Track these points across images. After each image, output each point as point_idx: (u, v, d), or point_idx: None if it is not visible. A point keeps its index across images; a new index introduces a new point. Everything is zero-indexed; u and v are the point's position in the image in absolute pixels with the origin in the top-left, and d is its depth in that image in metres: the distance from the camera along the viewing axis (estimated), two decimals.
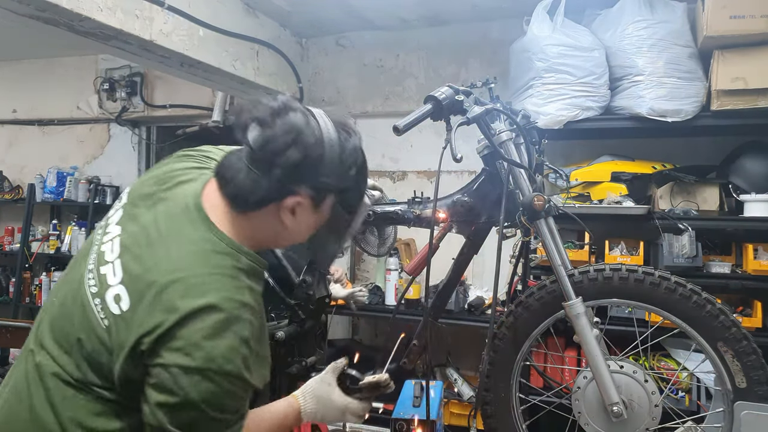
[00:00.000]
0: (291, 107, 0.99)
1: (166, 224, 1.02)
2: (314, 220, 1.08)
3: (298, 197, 1.01)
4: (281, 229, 1.05)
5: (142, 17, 2.55)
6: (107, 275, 1.00)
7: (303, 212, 1.03)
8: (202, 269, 0.96)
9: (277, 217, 1.03)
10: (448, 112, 1.38)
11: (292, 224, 1.04)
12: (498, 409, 1.55)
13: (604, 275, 1.44)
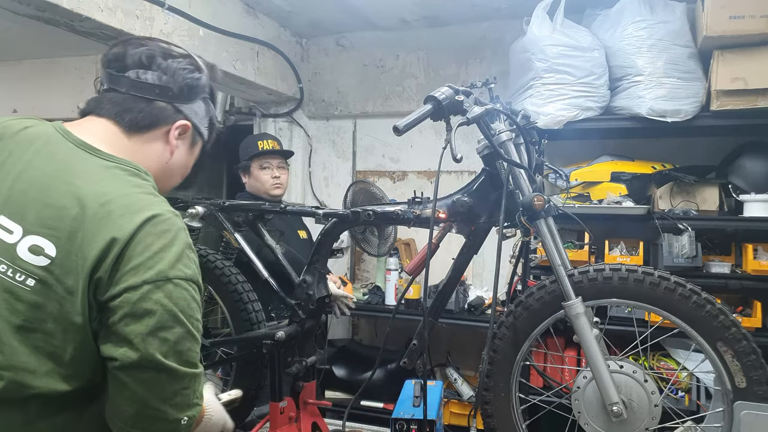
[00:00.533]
0: (173, 53, 1.16)
1: (49, 165, 0.96)
2: (185, 159, 1.17)
3: (185, 122, 1.11)
4: (165, 159, 1.11)
5: (143, 18, 2.55)
6: (21, 249, 0.90)
7: (183, 144, 1.13)
8: (126, 189, 0.96)
9: (164, 141, 1.09)
10: (448, 113, 1.38)
11: (176, 154, 1.12)
12: (498, 408, 1.55)
13: (603, 275, 1.44)
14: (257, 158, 2.68)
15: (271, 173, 2.68)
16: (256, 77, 3.40)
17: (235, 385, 1.83)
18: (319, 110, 3.94)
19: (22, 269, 0.89)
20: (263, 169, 2.68)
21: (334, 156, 3.97)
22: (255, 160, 2.68)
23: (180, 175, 1.19)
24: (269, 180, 2.67)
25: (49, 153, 0.98)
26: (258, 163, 2.68)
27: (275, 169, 2.69)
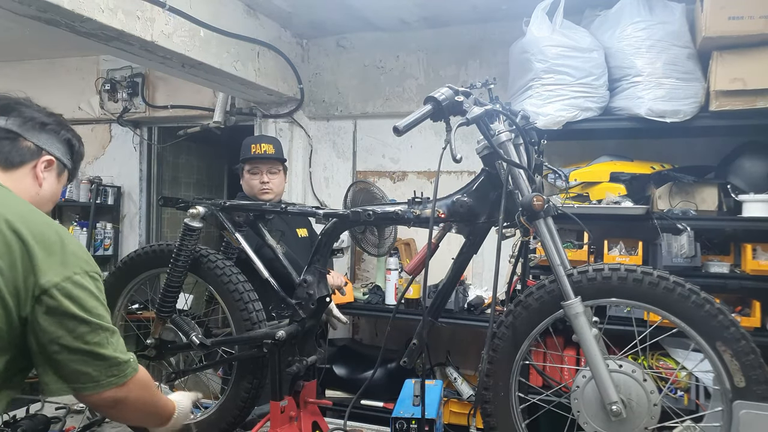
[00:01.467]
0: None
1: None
2: (53, 189, 1.33)
3: (49, 157, 1.30)
4: (36, 190, 1.29)
5: (144, 18, 2.56)
6: None
7: (50, 176, 1.31)
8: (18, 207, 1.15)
9: (34, 176, 1.28)
10: (448, 113, 1.38)
11: (44, 186, 1.30)
12: (497, 407, 1.56)
13: (602, 275, 1.44)
14: (248, 162, 2.66)
15: (260, 178, 2.65)
16: (257, 78, 3.40)
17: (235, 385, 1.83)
18: (320, 111, 3.94)
19: None
20: (252, 174, 2.66)
21: (335, 156, 3.98)
22: (246, 163, 2.67)
23: (51, 202, 1.36)
24: (257, 185, 2.66)
25: None
26: (248, 167, 2.67)
27: (264, 174, 2.66)
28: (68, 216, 4.70)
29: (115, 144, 4.65)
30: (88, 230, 4.37)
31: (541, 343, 2.45)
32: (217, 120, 4.07)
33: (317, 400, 1.86)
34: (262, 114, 4.06)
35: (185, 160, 4.98)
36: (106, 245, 4.50)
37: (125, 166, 4.61)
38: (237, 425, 1.84)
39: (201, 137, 4.46)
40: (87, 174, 4.61)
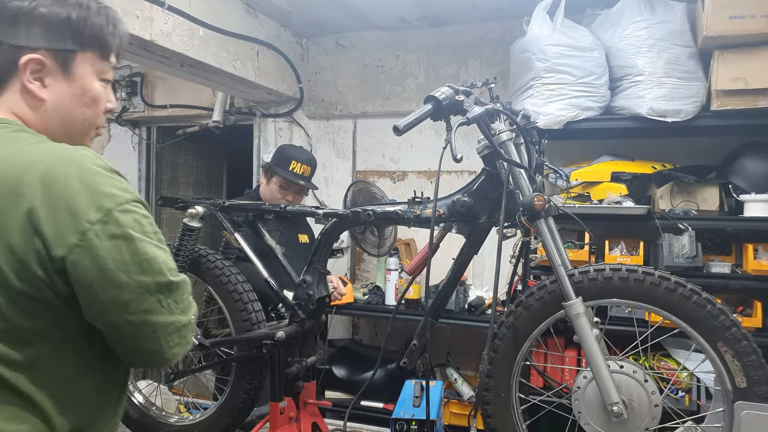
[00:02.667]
0: None
1: None
2: (71, 90, 0.97)
3: (34, 54, 0.91)
4: (39, 105, 0.95)
5: (142, 17, 2.55)
6: None
7: (54, 80, 0.94)
8: (20, 144, 0.89)
9: (25, 91, 0.93)
10: (448, 112, 1.38)
11: (49, 96, 0.94)
12: (498, 408, 1.55)
13: (604, 275, 1.44)
14: (280, 177, 2.62)
15: (286, 195, 2.64)
16: (256, 77, 3.40)
17: (234, 386, 1.82)
18: (319, 110, 3.94)
19: None
20: (282, 189, 2.64)
21: (334, 156, 3.97)
22: (279, 175, 2.63)
23: (79, 109, 0.99)
24: (281, 199, 2.64)
25: None
26: (281, 181, 2.64)
27: (292, 195, 2.65)
28: None
29: (114, 144, 4.64)
30: None
31: (542, 344, 2.44)
32: (216, 119, 4.06)
33: (317, 401, 1.86)
34: (262, 113, 4.05)
35: (184, 159, 4.98)
36: None
37: (124, 165, 4.59)
38: (236, 426, 1.84)
39: (200, 137, 4.45)
40: None
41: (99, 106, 1.01)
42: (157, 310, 0.91)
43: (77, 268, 0.84)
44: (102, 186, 0.87)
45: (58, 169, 0.85)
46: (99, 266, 0.85)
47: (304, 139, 3.98)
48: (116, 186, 0.89)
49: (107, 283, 0.86)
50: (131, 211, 0.89)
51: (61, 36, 0.93)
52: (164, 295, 0.92)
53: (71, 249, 0.84)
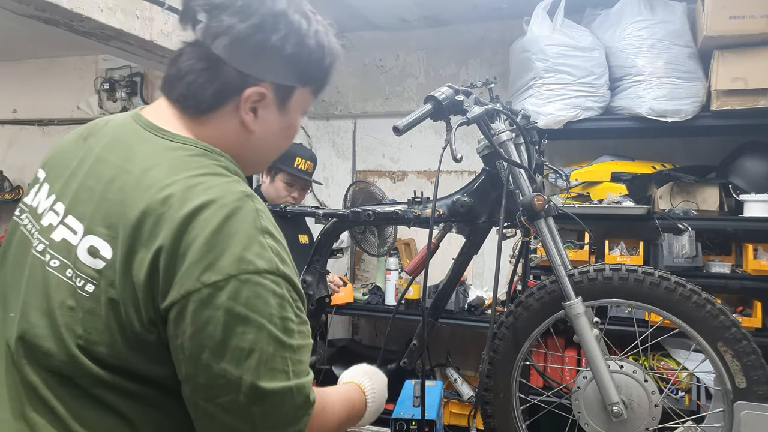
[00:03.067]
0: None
1: (113, 154, 0.84)
2: (280, 125, 0.93)
3: (259, 87, 0.86)
4: (245, 136, 0.90)
5: (143, 17, 2.55)
6: (66, 239, 0.81)
7: (267, 112, 0.90)
8: (186, 175, 0.80)
9: (237, 119, 0.88)
10: (448, 112, 1.38)
11: (256, 128, 0.89)
12: (498, 408, 1.55)
13: (603, 275, 1.44)
14: (286, 174, 2.59)
15: (291, 192, 2.63)
16: None
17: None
18: (319, 110, 3.94)
19: (81, 273, 0.79)
20: (288, 186, 2.62)
21: (334, 156, 3.97)
22: (283, 173, 2.59)
23: (273, 148, 0.96)
24: (286, 197, 2.63)
25: (116, 140, 0.87)
26: (286, 177, 2.62)
27: (297, 191, 2.65)
28: None
29: None
30: None
31: (542, 344, 2.44)
32: None
33: None
34: None
35: None
36: None
37: None
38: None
39: None
40: None
41: (293, 138, 0.99)
42: (235, 412, 0.76)
43: (171, 324, 0.76)
44: (236, 246, 0.76)
45: (204, 212, 0.76)
46: (189, 333, 0.74)
47: (304, 139, 3.98)
48: (256, 251, 0.77)
49: (190, 356, 0.75)
50: (259, 284, 0.76)
51: (292, 73, 0.89)
52: (248, 399, 0.75)
53: (172, 303, 0.75)
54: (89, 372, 0.78)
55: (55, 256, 0.82)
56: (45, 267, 0.83)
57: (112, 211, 0.79)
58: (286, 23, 0.85)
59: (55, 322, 0.80)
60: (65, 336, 0.79)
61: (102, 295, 0.77)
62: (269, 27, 0.84)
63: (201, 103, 0.86)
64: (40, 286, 0.82)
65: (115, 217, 0.78)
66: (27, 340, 0.81)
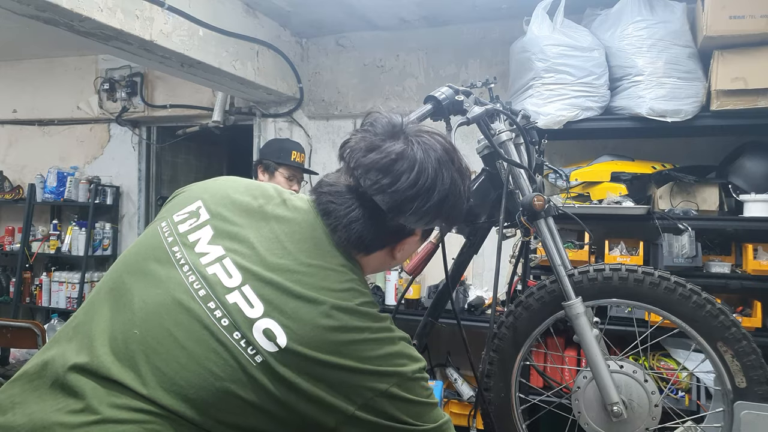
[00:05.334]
0: (413, 150, 0.93)
1: (302, 251, 0.92)
2: (417, 248, 1.09)
3: (416, 236, 1.02)
4: (389, 262, 1.05)
5: (143, 17, 2.55)
6: (239, 306, 0.86)
7: (412, 244, 1.04)
8: (354, 306, 0.90)
9: (389, 254, 1.02)
10: (448, 112, 1.38)
11: (400, 257, 1.04)
12: (498, 408, 1.55)
13: (603, 275, 1.44)
14: (288, 168, 2.65)
15: (291, 185, 2.67)
16: (256, 77, 3.40)
17: None
18: (319, 110, 3.94)
19: (253, 345, 0.84)
20: (289, 181, 2.66)
21: (334, 156, 3.96)
22: (285, 167, 2.64)
23: (401, 262, 1.11)
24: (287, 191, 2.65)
25: (304, 237, 0.94)
26: (287, 173, 2.66)
27: (296, 183, 2.69)
28: (67, 216, 4.69)
29: (114, 144, 4.64)
30: (86, 230, 4.36)
31: (542, 344, 2.44)
32: (216, 119, 4.06)
33: None
34: (262, 113, 4.05)
35: (184, 159, 4.98)
36: (104, 245, 4.50)
37: (124, 165, 4.60)
38: None
39: (200, 137, 4.46)
40: (86, 174, 4.60)
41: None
42: None
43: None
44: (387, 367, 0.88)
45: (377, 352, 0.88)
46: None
47: (304, 139, 3.98)
48: (410, 356, 0.92)
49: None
50: (417, 380, 0.91)
51: (445, 225, 1.05)
52: None
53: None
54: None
55: (226, 315, 0.85)
56: (209, 316, 0.85)
57: (297, 310, 0.86)
58: (456, 194, 0.96)
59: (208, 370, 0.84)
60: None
61: (269, 372, 0.83)
62: (445, 201, 0.94)
63: (368, 248, 0.96)
64: (198, 331, 0.84)
65: (299, 320, 0.85)
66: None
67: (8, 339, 2.93)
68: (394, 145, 0.92)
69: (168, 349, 0.83)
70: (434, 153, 0.94)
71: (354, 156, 0.93)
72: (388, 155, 0.91)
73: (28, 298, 4.60)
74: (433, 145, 0.95)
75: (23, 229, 4.53)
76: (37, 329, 2.82)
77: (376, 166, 0.91)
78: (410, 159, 0.91)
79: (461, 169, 0.98)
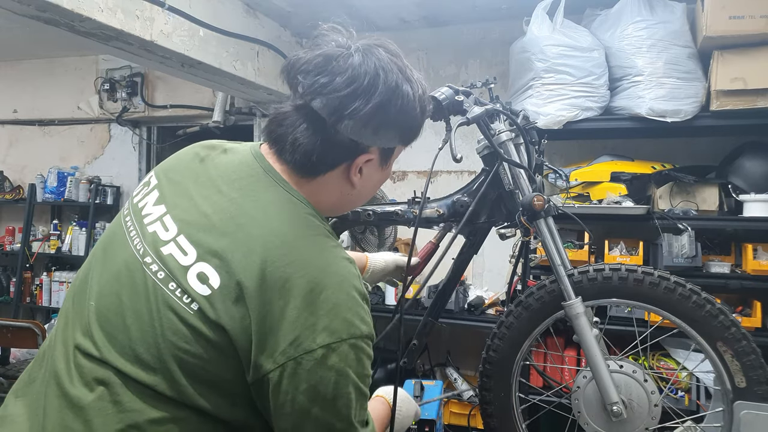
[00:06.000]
0: (350, 52, 0.90)
1: (235, 191, 0.90)
2: (380, 177, 1.01)
3: (369, 155, 0.94)
4: (348, 191, 0.97)
5: (143, 18, 2.55)
6: (174, 256, 0.86)
7: (371, 170, 0.97)
8: (303, 237, 0.87)
9: (345, 178, 0.95)
10: (448, 113, 1.38)
11: (359, 184, 0.97)
12: (498, 408, 1.55)
13: (603, 275, 1.44)
14: None
15: None
16: (257, 77, 3.40)
17: None
18: None
19: (188, 293, 0.83)
20: None
21: None
22: None
23: (368, 196, 1.05)
24: None
25: (239, 177, 0.92)
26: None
27: None
28: (67, 216, 4.70)
29: (114, 144, 4.65)
30: (87, 230, 4.37)
31: (542, 344, 2.44)
32: (217, 120, 4.06)
33: None
34: (262, 113, 4.05)
35: None
36: None
37: (124, 165, 4.60)
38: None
39: (200, 137, 4.43)
40: (86, 174, 4.61)
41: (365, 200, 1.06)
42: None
43: (280, 381, 0.81)
44: (347, 312, 0.84)
45: (324, 280, 0.83)
46: (302, 389, 0.81)
47: None
48: (360, 316, 0.86)
49: (299, 409, 0.82)
50: (359, 348, 0.85)
51: (398, 137, 0.96)
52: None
53: (283, 364, 0.81)
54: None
55: (162, 268, 0.86)
56: (146, 272, 0.87)
57: (228, 248, 0.84)
58: (401, 96, 0.90)
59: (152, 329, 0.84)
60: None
61: (204, 317, 0.82)
62: (388, 105, 0.89)
63: (316, 167, 0.92)
64: (141, 289, 0.86)
65: (230, 254, 0.84)
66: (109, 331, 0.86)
67: (8, 339, 2.93)
68: (333, 50, 0.90)
69: (117, 313, 0.85)
70: (375, 58, 0.90)
71: (295, 65, 0.90)
72: (324, 54, 0.89)
73: (28, 298, 4.60)
74: (377, 52, 0.92)
75: (23, 229, 4.53)
76: (38, 329, 2.82)
77: (310, 66, 0.88)
78: (346, 58, 0.89)
79: (411, 77, 0.93)
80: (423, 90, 0.96)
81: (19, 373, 3.56)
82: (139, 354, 0.83)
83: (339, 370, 0.82)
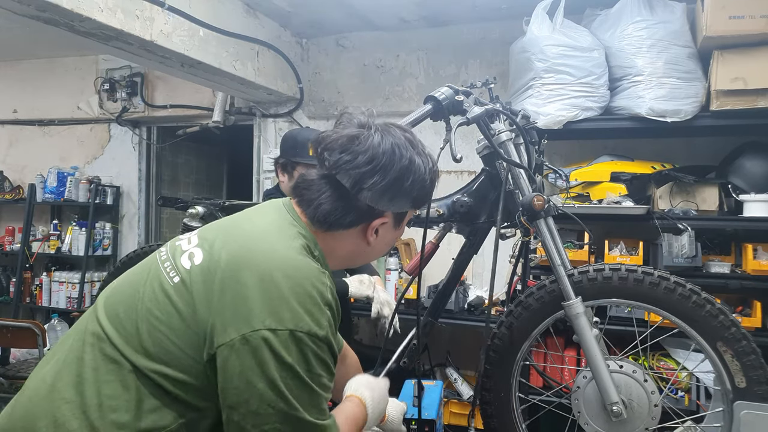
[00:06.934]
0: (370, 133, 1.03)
1: (253, 213, 1.09)
2: (393, 236, 1.14)
3: (385, 218, 1.08)
4: (363, 247, 1.11)
5: (143, 18, 2.55)
6: (182, 246, 1.03)
7: (385, 231, 1.10)
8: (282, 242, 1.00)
9: (362, 237, 1.09)
10: (448, 113, 1.38)
11: (374, 242, 1.10)
12: (498, 408, 1.55)
13: (603, 275, 1.44)
14: (306, 166, 2.21)
15: None
16: (257, 77, 3.40)
17: None
18: (319, 110, 3.94)
19: (176, 268, 0.99)
20: None
21: None
22: (304, 165, 2.24)
23: (381, 253, 1.17)
24: None
25: (265, 212, 1.09)
26: (304, 170, 2.28)
27: None
28: (67, 216, 4.70)
29: (114, 144, 4.64)
30: (87, 230, 4.37)
31: (542, 344, 2.44)
32: (217, 119, 4.06)
33: None
34: (262, 113, 4.05)
35: (184, 159, 4.98)
36: (105, 245, 4.50)
37: (124, 165, 4.60)
38: None
39: (200, 137, 4.46)
40: (86, 174, 4.60)
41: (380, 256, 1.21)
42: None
43: (229, 355, 0.89)
44: (298, 306, 0.92)
45: (288, 272, 0.94)
46: (248, 365, 0.89)
47: None
48: (311, 313, 0.92)
49: (245, 384, 0.89)
50: (302, 342, 0.91)
51: (411, 203, 1.09)
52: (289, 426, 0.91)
53: (232, 339, 0.90)
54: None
55: (169, 258, 1.03)
56: (158, 260, 1.04)
57: (217, 236, 1.01)
58: (413, 171, 1.04)
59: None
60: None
61: (182, 287, 0.96)
62: (402, 178, 1.03)
63: (334, 224, 1.05)
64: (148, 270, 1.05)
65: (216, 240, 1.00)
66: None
67: (8, 339, 2.93)
68: (355, 131, 1.04)
69: (123, 283, 1.05)
70: (391, 137, 1.04)
71: (322, 143, 1.04)
72: (348, 135, 1.03)
73: (28, 298, 4.60)
74: (392, 131, 1.05)
75: (23, 229, 4.53)
76: (38, 329, 2.82)
77: (335, 145, 1.02)
78: (367, 138, 1.02)
79: (422, 152, 1.07)
80: (432, 162, 1.10)
81: (20, 373, 3.55)
82: (118, 313, 0.97)
83: (279, 356, 0.89)
